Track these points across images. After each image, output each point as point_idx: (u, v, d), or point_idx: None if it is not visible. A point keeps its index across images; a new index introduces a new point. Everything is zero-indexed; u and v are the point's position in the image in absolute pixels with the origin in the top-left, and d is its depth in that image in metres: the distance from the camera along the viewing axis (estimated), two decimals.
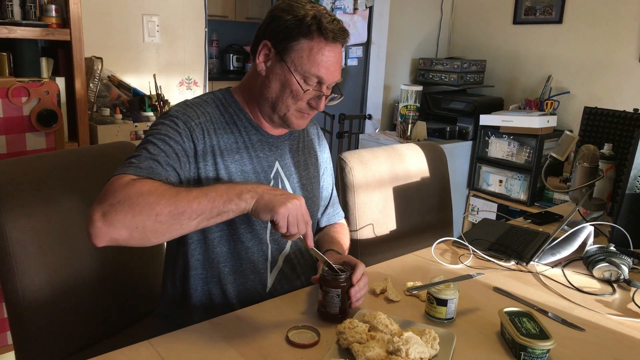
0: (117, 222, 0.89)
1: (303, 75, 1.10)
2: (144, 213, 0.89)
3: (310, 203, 1.28)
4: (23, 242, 1.19)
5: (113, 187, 0.93)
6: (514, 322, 1.00)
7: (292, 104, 1.13)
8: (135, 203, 0.89)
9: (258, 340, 0.98)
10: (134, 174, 0.96)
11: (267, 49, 1.12)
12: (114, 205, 0.90)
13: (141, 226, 0.90)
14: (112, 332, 1.38)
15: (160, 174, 0.99)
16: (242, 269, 1.17)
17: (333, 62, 1.11)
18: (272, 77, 1.12)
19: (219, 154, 1.12)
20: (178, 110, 1.11)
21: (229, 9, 5.32)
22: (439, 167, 1.90)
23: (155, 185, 0.93)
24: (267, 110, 1.16)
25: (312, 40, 1.08)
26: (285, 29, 1.08)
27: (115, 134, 2.03)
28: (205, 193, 0.94)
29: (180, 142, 1.06)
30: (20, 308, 1.19)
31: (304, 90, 1.10)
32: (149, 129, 1.10)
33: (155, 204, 0.90)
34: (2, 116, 1.68)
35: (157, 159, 1.01)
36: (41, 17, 1.88)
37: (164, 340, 0.98)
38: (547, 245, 1.42)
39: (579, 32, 3.09)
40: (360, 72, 3.70)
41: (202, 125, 1.11)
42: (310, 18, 1.07)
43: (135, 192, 0.91)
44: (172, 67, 2.52)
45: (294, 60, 1.09)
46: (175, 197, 0.92)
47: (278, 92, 1.12)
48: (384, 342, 0.92)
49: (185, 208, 0.91)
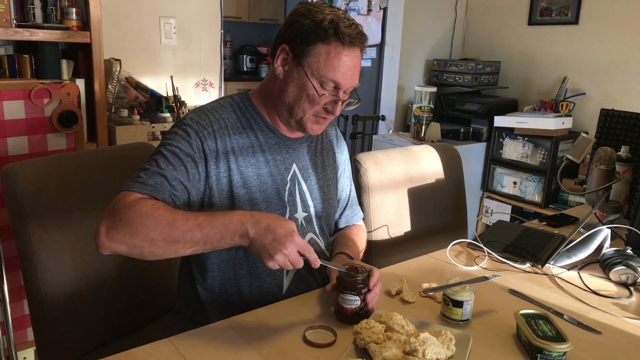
0: (117, 239, 0.96)
1: (319, 79, 1.10)
2: (141, 236, 0.95)
3: (327, 205, 1.30)
4: (46, 241, 1.21)
5: (118, 205, 0.98)
6: (530, 324, 1.00)
7: (309, 108, 1.13)
8: (134, 225, 0.95)
9: (276, 340, 1.00)
10: (139, 191, 1.00)
11: (285, 53, 1.13)
12: (116, 223, 0.96)
13: (138, 246, 0.96)
14: (130, 329, 1.41)
15: (164, 192, 1.02)
16: (258, 272, 1.19)
17: (350, 67, 1.11)
18: (290, 80, 1.13)
19: (233, 160, 1.13)
20: (192, 118, 1.13)
21: (243, 10, 5.35)
22: (453, 169, 1.90)
23: (155, 207, 0.97)
24: (284, 114, 1.17)
25: (329, 45, 1.09)
26: (302, 33, 1.09)
27: (133, 135, 2.06)
28: (200, 226, 0.96)
29: (191, 154, 1.09)
30: (42, 305, 1.22)
31: (320, 94, 1.11)
32: (164, 137, 1.13)
33: (152, 230, 0.95)
34: (25, 117, 1.71)
35: (164, 174, 1.04)
36: (62, 20, 1.92)
37: (184, 338, 1.00)
38: (563, 247, 1.41)
39: (595, 33, 3.07)
40: (374, 73, 3.71)
41: (215, 133, 1.12)
42: (328, 22, 1.08)
43: (135, 214, 0.95)
44: (188, 69, 2.55)
45: (311, 64, 1.10)
46: (171, 225, 0.95)
47: (295, 96, 1.13)
48: (400, 342, 0.93)
49: (179, 238, 0.95)
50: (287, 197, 1.21)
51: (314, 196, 1.26)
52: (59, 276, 1.23)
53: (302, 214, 1.24)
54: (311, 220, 1.26)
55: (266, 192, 1.17)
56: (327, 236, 1.32)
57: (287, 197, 1.21)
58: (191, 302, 1.23)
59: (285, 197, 1.20)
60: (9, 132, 1.69)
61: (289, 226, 0.95)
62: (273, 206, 1.18)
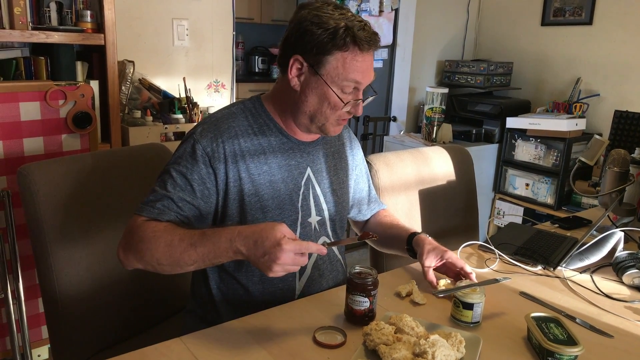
0: (132, 260, 1.06)
1: (340, 86, 1.11)
2: (147, 258, 1.04)
3: (340, 208, 1.30)
4: (61, 240, 1.23)
5: (130, 228, 1.07)
6: (541, 327, 0.99)
7: (331, 114, 1.14)
8: (139, 249, 1.04)
9: (286, 340, 1.00)
10: (147, 215, 1.07)
11: (299, 64, 1.11)
12: (128, 245, 1.06)
13: (149, 266, 1.05)
14: (143, 328, 1.42)
15: (170, 214, 1.08)
16: (270, 278, 1.19)
17: (368, 67, 1.12)
18: (308, 91, 1.12)
19: (244, 168, 1.14)
20: (202, 132, 1.13)
21: (255, 11, 5.37)
22: (465, 170, 1.90)
23: (155, 230, 1.04)
24: (304, 122, 1.17)
25: (346, 52, 1.08)
26: (318, 43, 1.08)
27: (146, 136, 2.08)
28: (194, 246, 1.01)
29: (198, 172, 1.11)
30: (57, 304, 1.24)
31: (345, 102, 1.12)
32: (174, 152, 1.15)
33: (154, 252, 1.02)
34: (40, 118, 1.74)
35: (171, 196, 1.09)
36: (77, 23, 1.94)
37: (195, 337, 1.01)
38: (576, 250, 1.40)
39: (610, 33, 3.04)
40: (385, 74, 3.70)
41: (224, 144, 1.12)
42: (343, 30, 1.07)
43: (138, 238, 1.04)
44: (201, 70, 2.57)
45: (330, 73, 1.09)
46: (169, 246, 1.01)
47: (316, 105, 1.13)
48: (410, 344, 0.93)
49: (178, 258, 1.02)
50: (300, 202, 1.21)
51: (327, 199, 1.27)
52: (73, 275, 1.25)
53: (315, 218, 1.24)
54: (325, 224, 1.27)
55: (279, 198, 1.18)
56: (340, 239, 1.33)
57: (300, 201, 1.21)
58: (204, 302, 1.24)
59: (298, 202, 1.21)
60: (25, 133, 1.72)
61: (275, 235, 0.94)
62: (286, 212, 1.19)
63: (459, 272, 1.23)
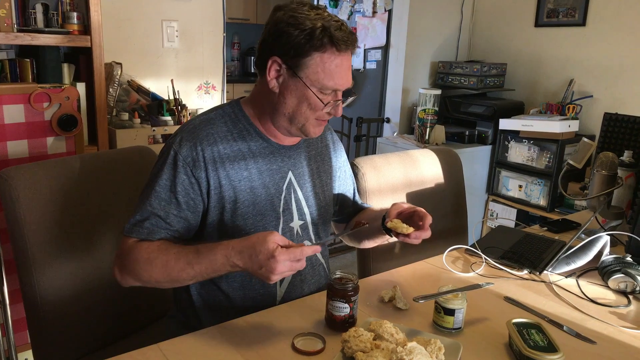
0: (129, 280, 1.09)
1: (320, 87, 1.10)
2: (145, 278, 1.06)
3: (323, 211, 1.29)
4: (42, 245, 1.22)
5: (123, 250, 1.09)
6: (521, 333, 0.99)
7: (311, 115, 1.13)
8: (136, 271, 1.06)
9: (264, 347, 0.99)
10: (137, 237, 1.09)
11: (278, 65, 1.10)
12: (123, 267, 1.08)
13: (148, 284, 1.08)
14: (127, 333, 1.41)
15: (160, 232, 1.09)
16: (252, 284, 1.18)
17: (346, 69, 1.12)
18: (287, 93, 1.11)
19: (224, 176, 1.12)
20: (181, 141, 1.12)
21: (250, 11, 5.37)
22: (453, 173, 1.88)
23: (149, 251, 1.06)
24: (283, 124, 1.16)
25: (324, 53, 1.08)
26: (296, 45, 1.07)
27: (134, 138, 2.07)
28: (190, 264, 1.03)
29: (180, 182, 1.10)
30: (38, 309, 1.23)
31: (325, 103, 1.11)
32: (155, 165, 1.14)
33: (152, 272, 1.05)
34: (25, 121, 1.73)
35: (158, 213, 1.09)
36: (63, 24, 1.93)
37: (173, 344, 1.00)
38: (562, 254, 1.39)
39: (603, 34, 3.03)
40: (378, 75, 3.69)
41: (203, 152, 1.11)
42: (320, 31, 1.06)
43: (134, 261, 1.06)
44: (191, 72, 2.56)
45: (309, 75, 1.09)
46: (165, 266, 1.04)
47: (295, 106, 1.12)
48: (388, 351, 0.92)
49: (176, 276, 1.05)
50: (282, 207, 1.20)
51: (309, 203, 1.26)
52: (55, 280, 1.24)
53: (298, 222, 1.23)
54: (307, 228, 1.26)
55: (259, 204, 1.16)
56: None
57: (282, 206, 1.20)
58: (185, 308, 1.23)
59: (280, 208, 1.19)
60: (9, 136, 1.71)
61: (268, 248, 0.95)
62: (267, 218, 1.17)
63: (413, 216, 1.19)
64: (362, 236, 1.37)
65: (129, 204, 1.38)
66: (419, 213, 1.17)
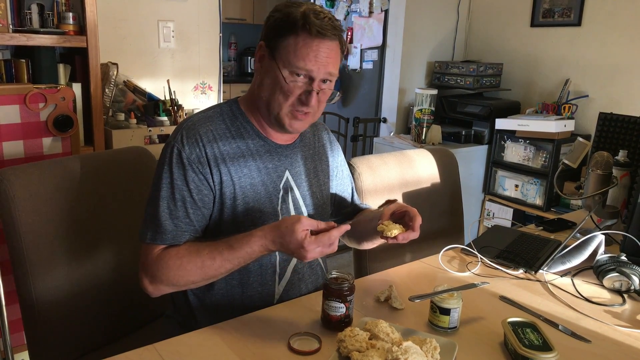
0: (163, 289, 1.10)
1: (290, 70, 1.09)
2: (181, 284, 1.09)
3: (320, 211, 1.29)
4: (38, 246, 1.22)
5: (148, 260, 1.09)
6: (516, 332, 0.99)
7: (283, 101, 1.11)
8: (170, 278, 1.07)
9: (261, 347, 0.99)
10: (162, 243, 1.09)
11: (262, 50, 1.14)
12: (155, 278, 1.08)
13: (184, 287, 1.12)
14: (123, 333, 1.41)
15: (184, 234, 1.10)
16: (250, 282, 1.18)
17: (322, 56, 1.09)
18: (265, 75, 1.13)
19: (225, 172, 1.13)
20: (182, 139, 1.12)
21: (247, 12, 5.37)
22: (450, 173, 1.89)
23: (179, 256, 1.07)
24: (264, 113, 1.16)
25: (298, 36, 1.08)
26: (275, 26, 1.10)
27: (130, 139, 2.07)
28: (228, 260, 1.06)
29: (191, 180, 1.10)
30: (33, 310, 1.23)
31: (289, 82, 1.09)
32: (159, 167, 1.13)
33: (187, 276, 1.07)
34: (20, 122, 1.72)
35: (177, 214, 1.10)
36: (59, 25, 1.92)
37: (169, 344, 1.00)
38: (557, 253, 1.40)
39: (599, 34, 3.04)
40: (375, 76, 3.70)
41: (205, 149, 1.12)
42: (300, 15, 1.08)
43: (167, 269, 1.07)
44: (187, 72, 2.56)
45: (282, 56, 1.09)
46: (202, 268, 1.07)
47: (270, 90, 1.12)
48: (383, 351, 0.92)
49: (213, 274, 1.08)
50: (280, 205, 1.20)
51: (307, 202, 1.26)
52: (50, 281, 1.24)
53: None
54: None
55: (259, 201, 1.17)
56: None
57: (280, 205, 1.20)
58: (182, 308, 1.23)
59: (278, 206, 1.20)
60: (5, 137, 1.70)
61: (297, 238, 1.00)
62: (266, 215, 1.17)
63: (405, 216, 1.19)
64: (361, 237, 1.38)
65: (125, 204, 1.38)
66: (409, 213, 1.17)
